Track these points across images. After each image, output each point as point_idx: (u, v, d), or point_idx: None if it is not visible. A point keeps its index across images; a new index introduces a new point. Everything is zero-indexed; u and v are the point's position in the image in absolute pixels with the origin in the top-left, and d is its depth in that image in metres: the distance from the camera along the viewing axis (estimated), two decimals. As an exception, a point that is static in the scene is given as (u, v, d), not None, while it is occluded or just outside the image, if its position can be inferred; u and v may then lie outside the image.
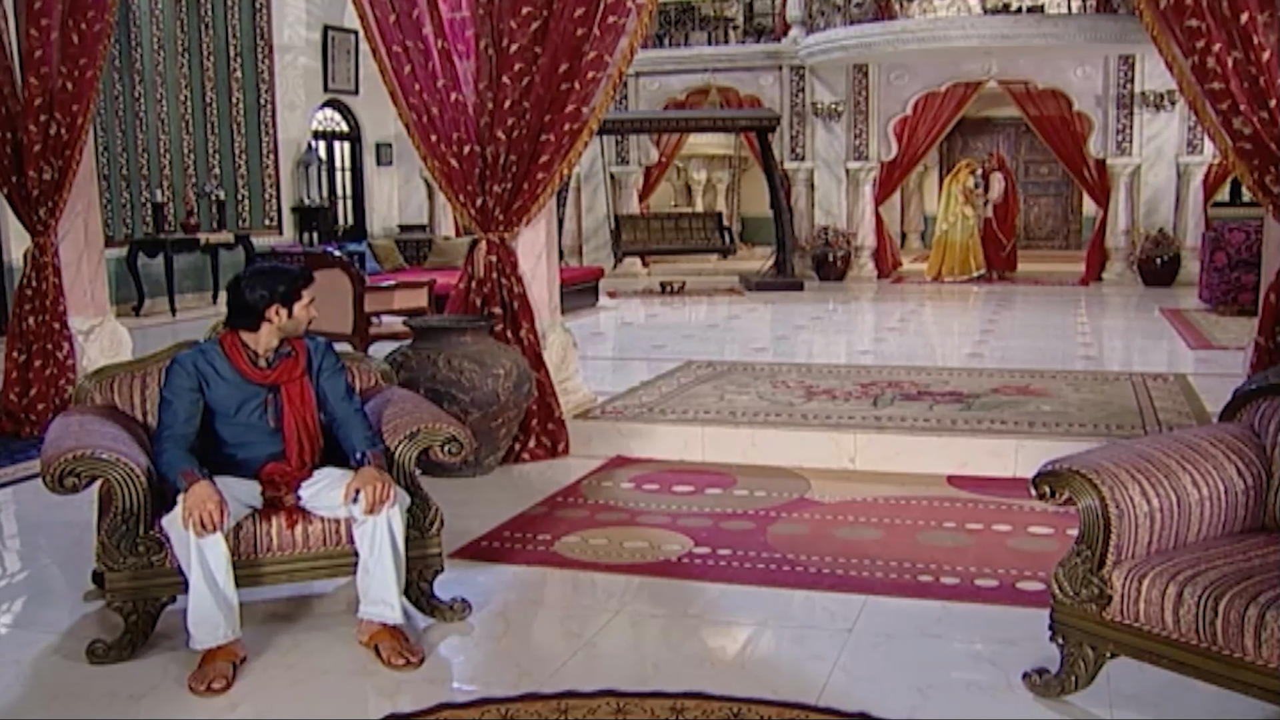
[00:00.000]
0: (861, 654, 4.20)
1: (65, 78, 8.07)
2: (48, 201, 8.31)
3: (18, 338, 8.48)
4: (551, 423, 7.23)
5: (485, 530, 5.65)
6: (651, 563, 5.24)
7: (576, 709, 3.70)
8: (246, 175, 16.42)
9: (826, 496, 6.20)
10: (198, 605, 3.93)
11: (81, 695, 3.97)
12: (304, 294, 4.37)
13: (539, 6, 6.74)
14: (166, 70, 15.14)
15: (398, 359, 6.69)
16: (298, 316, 4.37)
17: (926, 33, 15.99)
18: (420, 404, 4.86)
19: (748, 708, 3.67)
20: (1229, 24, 5.83)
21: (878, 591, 4.81)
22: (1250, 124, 5.94)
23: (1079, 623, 3.62)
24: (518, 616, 4.65)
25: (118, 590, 4.14)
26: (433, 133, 7.15)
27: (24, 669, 4.28)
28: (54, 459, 4.06)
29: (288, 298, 4.30)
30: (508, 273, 7.25)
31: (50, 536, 6.01)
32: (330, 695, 3.90)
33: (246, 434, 4.32)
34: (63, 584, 5.25)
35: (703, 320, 13.68)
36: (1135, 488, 3.57)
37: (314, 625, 4.51)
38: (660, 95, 19.19)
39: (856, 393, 8.14)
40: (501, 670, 4.08)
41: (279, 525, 4.20)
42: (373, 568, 4.14)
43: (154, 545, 4.10)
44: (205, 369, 4.29)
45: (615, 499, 6.27)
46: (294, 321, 4.37)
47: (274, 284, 4.29)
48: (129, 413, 4.70)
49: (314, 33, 17.29)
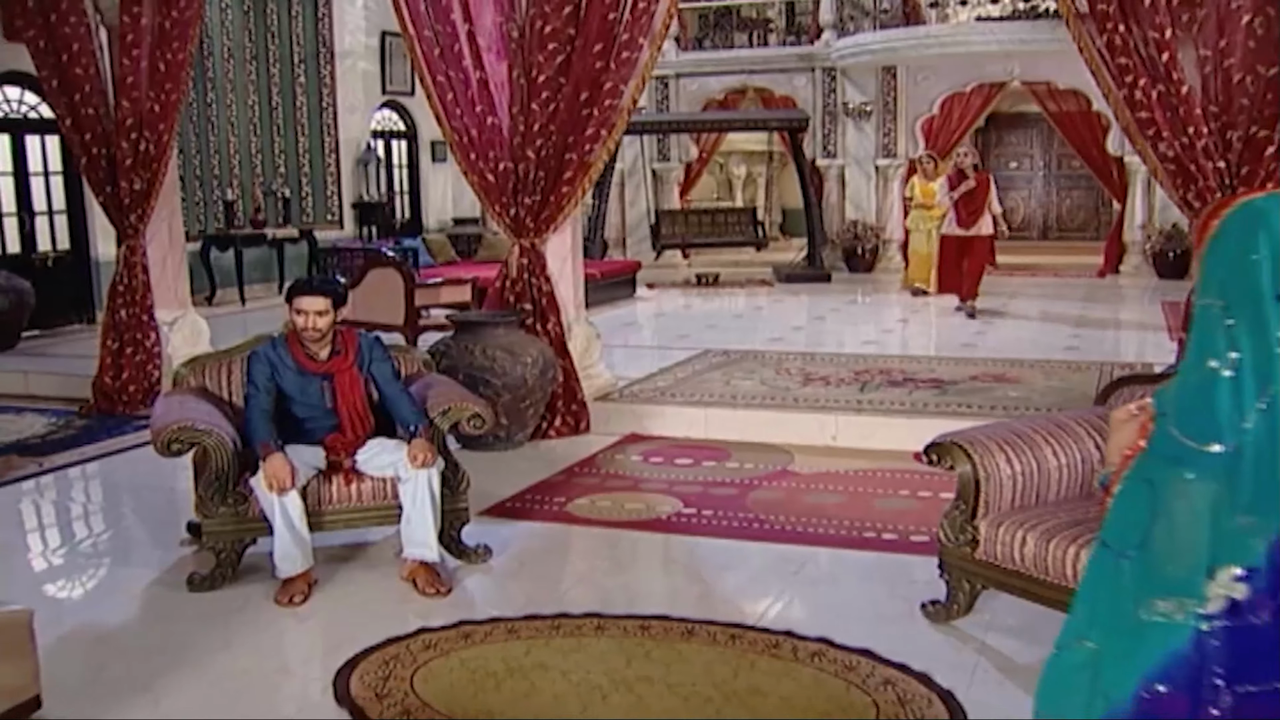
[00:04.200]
0: (802, 592, 5.24)
1: (153, 101, 9.20)
2: (137, 209, 9.44)
3: (111, 328, 9.63)
4: (575, 404, 8.27)
5: (510, 493, 6.72)
6: (645, 520, 6.30)
7: (567, 625, 4.77)
8: (310, 174, 17.50)
9: (806, 469, 7.22)
10: (280, 544, 5.05)
11: (182, 615, 5.09)
12: (297, 301, 5.35)
13: (563, 43, 7.77)
14: (236, 77, 16.28)
15: (440, 348, 7.77)
16: (294, 320, 5.39)
17: (949, 38, 16.89)
18: (453, 387, 5.94)
19: (699, 626, 4.73)
20: (1153, 62, 6.75)
21: (828, 544, 5.84)
22: (1173, 148, 6.85)
23: (958, 562, 4.64)
24: (529, 560, 5.73)
25: (212, 533, 5.26)
26: (472, 151, 8.20)
27: (135, 597, 5.43)
28: (162, 430, 5.17)
29: (290, 295, 5.38)
30: (537, 273, 8.29)
31: (143, 497, 7.21)
32: (378, 614, 4.97)
33: (310, 412, 5.41)
34: (157, 534, 6.38)
35: (730, 311, 14.67)
36: (1002, 456, 4.58)
37: (366, 565, 5.61)
38: (700, 95, 20.16)
39: (848, 379, 9.14)
40: (512, 599, 5.15)
41: (339, 483, 5.30)
42: (414, 517, 5.21)
43: (239, 498, 5.20)
44: (275, 360, 5.38)
45: (624, 469, 7.33)
46: (296, 323, 5.38)
47: (295, 287, 5.39)
48: (217, 393, 5.80)
49: (372, 39, 18.33)
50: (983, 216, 13.54)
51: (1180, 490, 2.23)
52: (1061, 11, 7.13)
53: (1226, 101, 6.68)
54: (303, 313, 5.33)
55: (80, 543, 6.55)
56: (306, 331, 5.35)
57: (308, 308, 5.32)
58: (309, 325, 5.34)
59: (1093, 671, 2.33)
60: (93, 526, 7.01)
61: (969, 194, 13.42)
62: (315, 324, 5.34)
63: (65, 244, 13.81)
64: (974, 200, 13.45)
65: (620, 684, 4.23)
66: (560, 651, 4.53)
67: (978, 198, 13.46)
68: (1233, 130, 6.72)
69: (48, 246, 13.64)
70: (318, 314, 5.34)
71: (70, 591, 5.64)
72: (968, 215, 13.50)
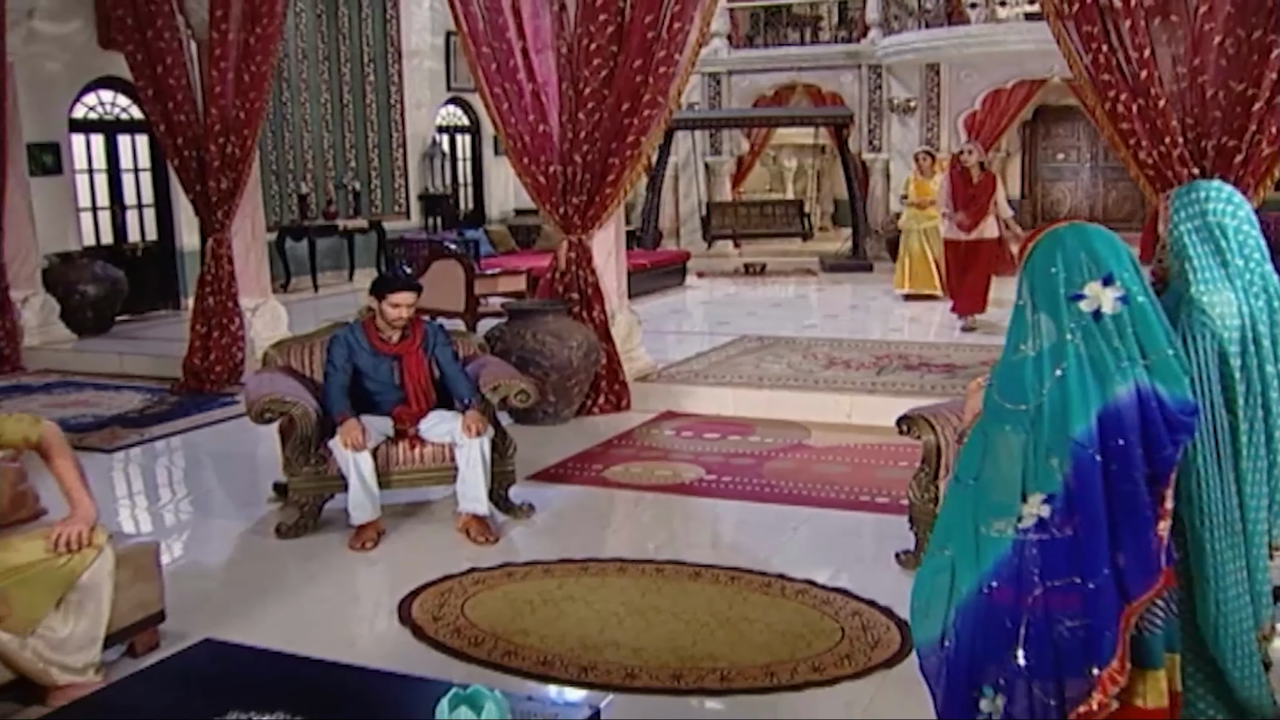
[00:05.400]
0: (798, 544, 6.11)
1: (238, 108, 10.17)
2: (224, 205, 10.43)
3: (199, 314, 10.63)
4: (617, 384, 9.14)
5: (555, 461, 7.62)
6: (671, 484, 7.18)
7: (594, 567, 5.68)
8: (379, 167, 18.48)
9: (819, 443, 8.06)
10: (354, 495, 5.98)
11: (272, 557, 6.05)
12: (391, 295, 6.20)
13: (606, 59, 8.63)
14: (309, 77, 17.28)
15: (496, 333, 8.67)
16: (385, 310, 6.26)
17: (988, 37, 17.56)
18: (504, 367, 6.86)
19: (705, 569, 5.61)
20: (1133, 81, 7.50)
21: (828, 506, 6.69)
22: (1152, 156, 7.60)
23: (923, 517, 5.46)
24: (567, 516, 6.63)
25: (297, 489, 6.21)
26: (525, 155, 9.09)
27: (230, 542, 6.42)
28: (256, 401, 6.12)
29: (379, 293, 6.25)
30: (584, 265, 9.16)
31: (229, 463, 8.22)
32: (436, 557, 5.88)
33: (380, 387, 6.32)
34: (244, 493, 7.40)
35: (771, 299, 15.47)
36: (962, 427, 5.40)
37: (426, 519, 6.55)
38: (751, 91, 20.94)
39: (868, 363, 9.97)
40: (550, 547, 6.05)
41: (404, 448, 6.22)
42: (468, 476, 6.11)
43: (320, 459, 6.14)
44: (353, 342, 6.29)
45: (657, 442, 8.20)
46: (384, 313, 6.26)
47: (378, 285, 6.28)
48: (300, 371, 6.73)
49: (438, 38, 19.23)
50: (986, 219, 12.40)
51: (1001, 438, 3.06)
52: (1054, 33, 7.84)
53: (1201, 114, 7.41)
54: (397, 305, 6.20)
55: (180, 500, 7.58)
56: (397, 320, 6.22)
57: (402, 301, 6.20)
58: (400, 315, 6.21)
59: (950, 572, 3.17)
60: (189, 487, 8.00)
61: (973, 195, 12.40)
62: (405, 315, 6.23)
63: (153, 235, 14.91)
64: (977, 202, 12.39)
65: (634, 612, 5.12)
66: (587, 587, 5.43)
67: (981, 199, 12.40)
68: (1207, 140, 7.44)
69: (137, 238, 14.75)
70: (408, 306, 6.22)
71: (176, 538, 6.60)
72: (969, 218, 12.39)
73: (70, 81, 13.54)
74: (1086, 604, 2.97)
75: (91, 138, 14.10)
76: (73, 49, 13.45)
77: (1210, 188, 3.52)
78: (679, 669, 4.56)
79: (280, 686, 3.20)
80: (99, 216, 14.29)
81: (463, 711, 2.92)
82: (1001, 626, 3.04)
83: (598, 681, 4.44)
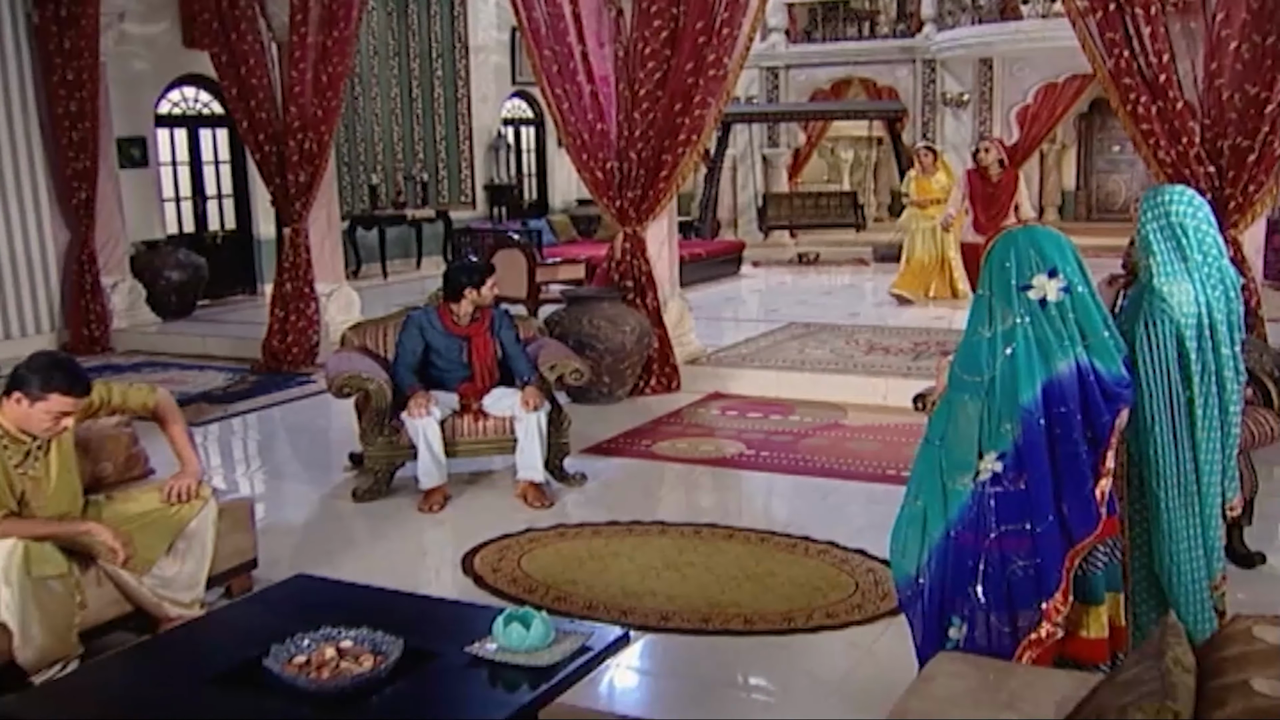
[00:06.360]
0: (826, 511, 6.68)
1: (316, 106, 10.85)
2: (301, 197, 11.12)
3: (278, 299, 11.32)
4: (668, 367, 9.73)
5: (607, 437, 8.24)
6: (714, 458, 7.79)
7: (638, 529, 6.30)
8: (445, 159, 19.12)
9: (855, 422, 8.63)
10: (423, 462, 6.63)
11: (349, 517, 6.74)
12: (488, 280, 6.96)
13: (660, 61, 9.21)
14: (380, 72, 17.98)
15: (555, 318, 9.29)
16: (484, 294, 6.95)
17: (1039, 33, 17.97)
18: (561, 348, 7.49)
19: (739, 531, 6.22)
20: (1153, 84, 7.98)
21: (856, 479, 7.26)
22: (1170, 154, 8.07)
23: (936, 485, 6.03)
24: (616, 485, 7.26)
25: (372, 457, 6.88)
26: (584, 152, 9.69)
27: (315, 504, 7.12)
28: (336, 377, 6.79)
29: (479, 283, 6.91)
30: (638, 255, 9.75)
31: (307, 437, 8.96)
32: (496, 518, 6.53)
33: (449, 365, 6.96)
34: (322, 462, 8.12)
35: (822, 287, 16.00)
36: (962, 403, 5.95)
37: (488, 486, 7.20)
38: (808, 85, 21.46)
39: (906, 349, 10.51)
40: (599, 511, 6.67)
41: (469, 420, 6.86)
42: (526, 447, 6.75)
43: (393, 430, 6.80)
44: (425, 324, 6.94)
45: (704, 420, 8.80)
46: (483, 297, 6.96)
47: (471, 274, 6.93)
48: (375, 350, 7.39)
49: (503, 33, 19.81)
50: (1006, 220, 11.61)
51: (961, 406, 3.63)
52: (1079, 38, 8.32)
53: (1218, 115, 7.85)
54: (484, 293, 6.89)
55: (263, 468, 8.29)
56: (486, 303, 6.92)
57: (487, 287, 6.89)
58: (489, 299, 6.92)
59: (921, 520, 3.76)
60: (270, 457, 8.72)
61: (991, 195, 11.84)
62: (489, 300, 6.94)
63: (232, 224, 15.71)
64: (997, 202, 11.79)
65: (671, 566, 5.74)
66: (630, 545, 6.06)
67: (1002, 199, 11.81)
68: (1222, 140, 7.88)
69: (217, 226, 15.54)
70: (490, 289, 6.90)
71: (261, 501, 7.27)
72: (988, 219, 11.68)
73: (156, 79, 14.32)
74: (1035, 546, 3.55)
75: (175, 132, 14.89)
76: (158, 49, 14.22)
77: (1174, 191, 4.06)
78: (708, 614, 5.17)
79: (363, 610, 3.82)
80: (182, 206, 15.08)
81: (514, 627, 3.55)
82: (964, 565, 3.63)
83: (635, 623, 5.04)
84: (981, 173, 12.11)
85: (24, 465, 4.57)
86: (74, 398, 4.52)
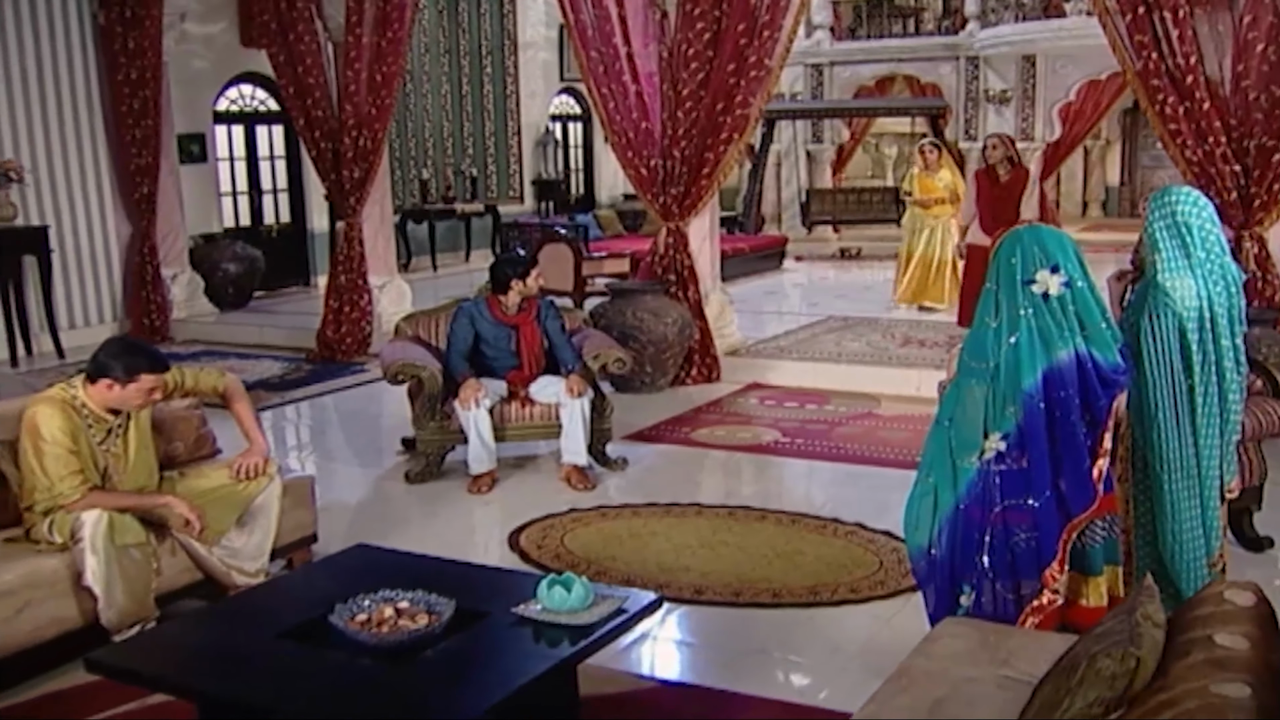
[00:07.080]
0: (855, 495, 6.98)
1: (370, 105, 11.23)
2: (356, 193, 11.50)
3: (332, 291, 11.71)
4: (708, 358, 10.04)
5: (648, 424, 8.57)
6: (750, 445, 8.11)
7: (676, 510, 6.64)
8: (494, 154, 19.48)
9: (887, 412, 8.91)
10: (473, 449, 6.99)
11: (402, 498, 7.11)
12: (533, 272, 7.30)
13: (703, 63, 9.51)
14: (431, 69, 18.36)
15: (600, 310, 9.63)
16: (530, 284, 7.30)
17: (1081, 30, 18.06)
18: (604, 339, 7.83)
19: (771, 513, 6.54)
20: (1180, 84, 8.21)
21: (886, 466, 7.55)
22: (1196, 154, 8.29)
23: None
24: (656, 470, 7.59)
25: (424, 441, 7.24)
26: (629, 150, 10.01)
27: (369, 486, 7.49)
28: (391, 364, 7.15)
29: (524, 274, 7.25)
30: (681, 250, 10.06)
31: (361, 423, 9.35)
32: (541, 500, 6.88)
33: (497, 353, 7.31)
34: (375, 446, 8.49)
35: (863, 282, 16.21)
36: (993, 393, 6.24)
37: (534, 470, 7.56)
38: (852, 82, 21.67)
39: (941, 342, 10.76)
40: (639, 494, 7.01)
41: (516, 406, 7.21)
42: (570, 432, 7.09)
43: (445, 415, 7.15)
44: (475, 314, 7.28)
45: (742, 409, 9.12)
46: (528, 287, 7.31)
47: (515, 266, 7.27)
48: (427, 340, 7.74)
49: (551, 31, 20.12)
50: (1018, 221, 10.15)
51: (969, 390, 3.94)
52: (1109, 40, 8.55)
53: (1244, 116, 8.08)
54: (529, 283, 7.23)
55: (319, 452, 8.66)
56: (532, 293, 7.27)
57: (532, 278, 7.24)
58: (534, 289, 7.26)
59: (933, 496, 4.07)
60: (326, 441, 9.12)
61: (999, 196, 11.14)
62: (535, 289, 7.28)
63: (287, 218, 16.15)
64: (1007, 201, 11.08)
65: (705, 545, 6.07)
66: (668, 525, 6.39)
67: (1013, 196, 11.12)
68: (1249, 139, 8.11)
69: (272, 220, 16.00)
70: (535, 279, 7.26)
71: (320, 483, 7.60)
72: (993, 220, 10.85)
73: (215, 77, 14.78)
74: (1036, 519, 3.86)
75: (232, 128, 15.35)
76: (217, 48, 14.67)
77: (1181, 192, 4.34)
78: (739, 588, 5.50)
79: (418, 575, 4.16)
80: (238, 201, 15.54)
81: (557, 589, 3.88)
82: (972, 537, 3.94)
83: (670, 595, 5.36)
84: (990, 172, 11.41)
85: (106, 442, 4.97)
86: (158, 374, 4.97)
